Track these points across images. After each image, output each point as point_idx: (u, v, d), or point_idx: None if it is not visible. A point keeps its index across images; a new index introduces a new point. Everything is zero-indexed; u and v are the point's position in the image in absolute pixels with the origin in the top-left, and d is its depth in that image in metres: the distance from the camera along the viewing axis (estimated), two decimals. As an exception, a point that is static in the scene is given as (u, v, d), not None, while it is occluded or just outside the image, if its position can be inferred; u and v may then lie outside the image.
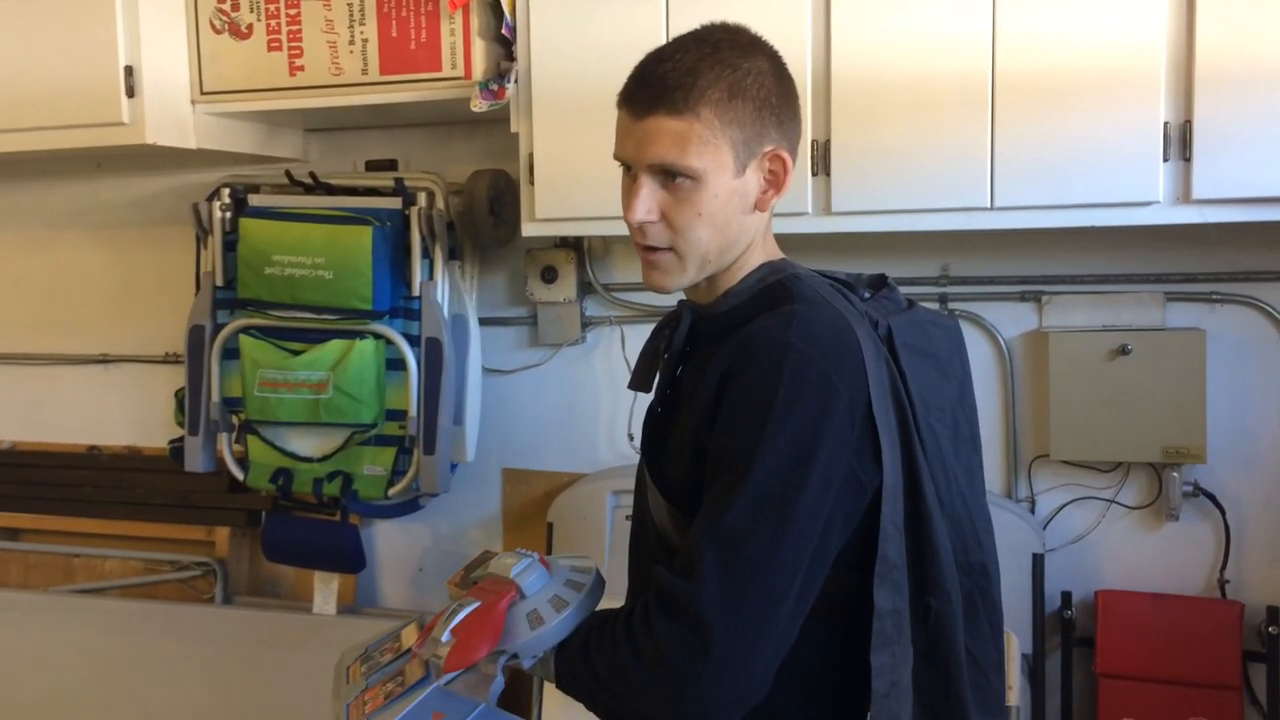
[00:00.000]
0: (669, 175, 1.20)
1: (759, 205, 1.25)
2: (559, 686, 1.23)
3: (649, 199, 1.22)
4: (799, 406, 1.13)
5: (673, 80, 1.18)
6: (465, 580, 1.30)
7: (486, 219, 2.67)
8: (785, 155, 1.24)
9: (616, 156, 1.25)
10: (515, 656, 1.20)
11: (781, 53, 1.26)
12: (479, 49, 2.41)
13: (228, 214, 2.72)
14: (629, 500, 2.60)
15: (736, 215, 1.23)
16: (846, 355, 1.16)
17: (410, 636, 1.27)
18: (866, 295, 1.32)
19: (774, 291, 1.26)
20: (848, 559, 1.19)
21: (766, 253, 1.31)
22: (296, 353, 2.64)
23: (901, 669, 1.19)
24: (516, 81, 2.37)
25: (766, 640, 1.12)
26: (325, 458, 2.70)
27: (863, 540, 1.18)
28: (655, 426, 1.33)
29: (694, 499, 1.20)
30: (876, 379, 1.17)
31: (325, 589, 2.86)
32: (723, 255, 1.25)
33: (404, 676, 1.23)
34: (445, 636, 1.19)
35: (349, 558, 2.80)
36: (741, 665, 1.11)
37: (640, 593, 1.21)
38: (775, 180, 1.25)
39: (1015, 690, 2.22)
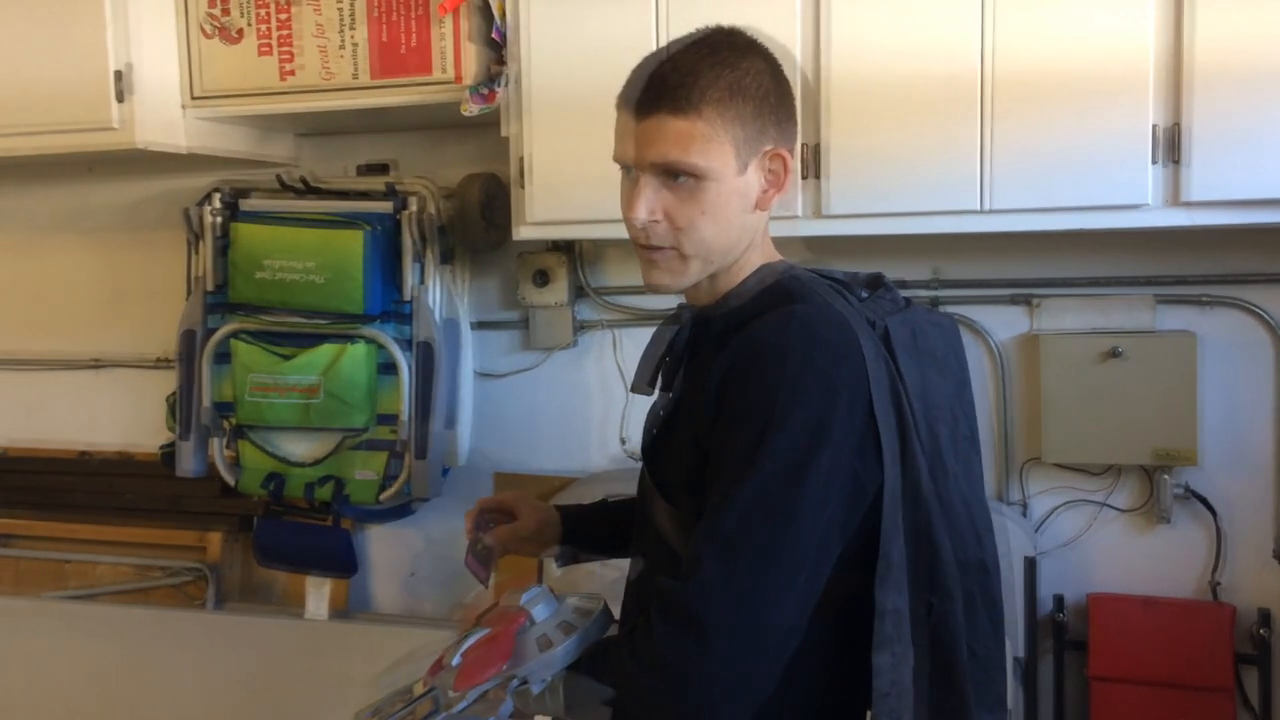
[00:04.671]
0: (671, 175, 1.20)
1: (760, 204, 1.25)
2: (568, 714, 1.23)
3: (651, 199, 1.21)
4: (799, 408, 1.13)
5: (674, 80, 1.18)
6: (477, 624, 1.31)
7: (478, 223, 2.66)
8: (785, 155, 1.24)
9: (617, 159, 1.25)
10: (525, 682, 1.20)
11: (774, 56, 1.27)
12: (470, 53, 2.41)
13: (219, 218, 2.72)
14: (621, 504, 2.60)
15: (738, 214, 1.23)
16: (848, 356, 1.16)
17: (420, 688, 1.28)
18: (864, 295, 1.32)
19: (774, 292, 1.26)
20: (849, 558, 1.18)
21: (765, 254, 1.31)
22: (288, 357, 2.64)
23: (903, 668, 1.19)
24: (507, 85, 2.37)
25: (767, 638, 1.11)
26: (317, 462, 2.70)
27: (864, 540, 1.19)
28: (656, 429, 1.33)
29: (695, 500, 1.20)
30: (877, 379, 1.17)
31: (317, 593, 2.85)
32: (725, 255, 1.25)
33: (414, 715, 1.23)
34: (455, 660, 1.20)
35: (341, 562, 2.79)
36: (741, 664, 1.11)
37: (645, 602, 1.21)
38: (776, 180, 1.25)
39: (1008, 694, 2.22)
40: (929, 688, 1.23)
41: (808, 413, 1.13)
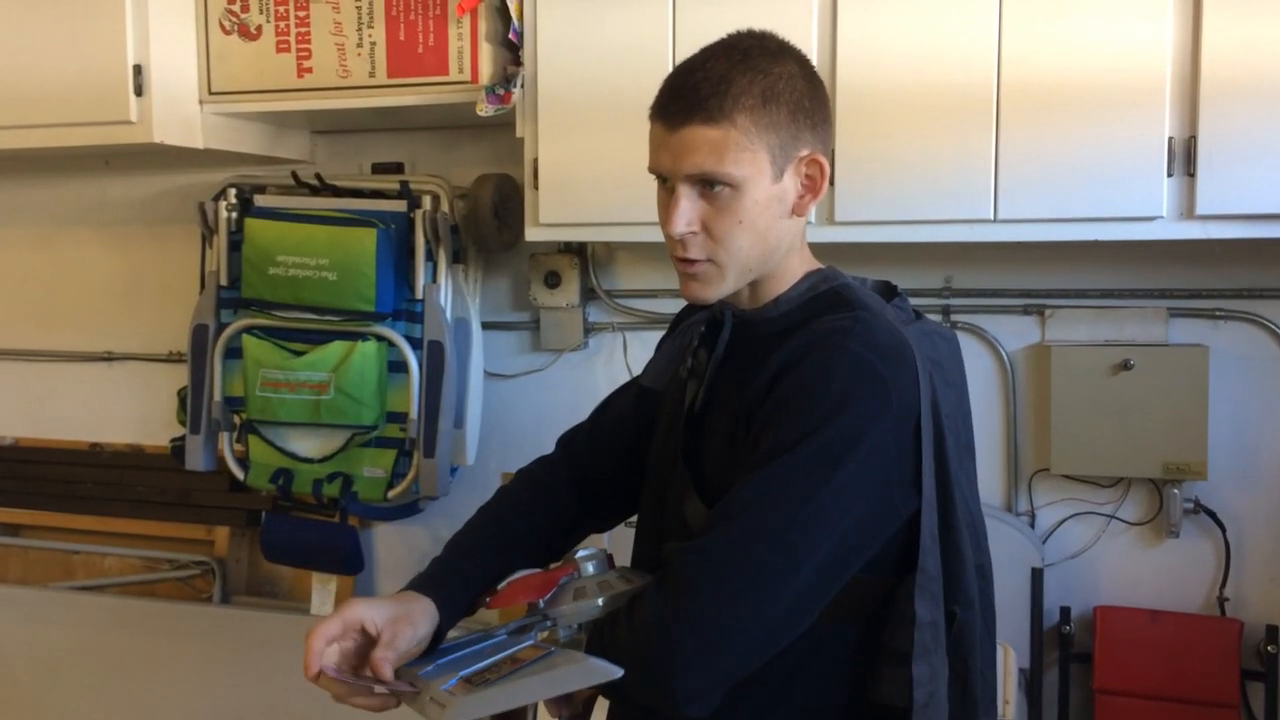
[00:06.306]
0: (707, 185, 1.20)
1: (797, 210, 1.25)
2: None
3: (689, 211, 1.21)
4: (846, 411, 1.13)
5: (706, 89, 1.18)
6: None
7: (491, 223, 2.67)
8: (821, 159, 1.24)
9: (652, 170, 1.25)
10: (554, 624, 1.22)
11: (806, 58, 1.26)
12: (486, 53, 2.42)
13: (233, 214, 2.73)
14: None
15: (775, 221, 1.23)
16: (905, 369, 1.17)
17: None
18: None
19: (827, 299, 1.26)
20: (883, 564, 1.19)
21: (805, 259, 1.31)
22: (299, 353, 2.65)
23: (939, 680, 1.20)
24: (522, 86, 2.37)
25: (753, 619, 1.11)
26: (325, 459, 2.70)
27: (900, 547, 1.19)
28: (692, 432, 1.31)
29: None
30: (925, 393, 1.18)
31: (323, 590, 2.86)
32: (764, 262, 1.25)
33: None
34: (501, 585, 1.26)
35: (347, 559, 2.80)
36: (717, 634, 1.10)
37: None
38: (812, 185, 1.25)
39: (1012, 705, 2.21)
40: (949, 697, 1.24)
41: (855, 416, 1.13)
